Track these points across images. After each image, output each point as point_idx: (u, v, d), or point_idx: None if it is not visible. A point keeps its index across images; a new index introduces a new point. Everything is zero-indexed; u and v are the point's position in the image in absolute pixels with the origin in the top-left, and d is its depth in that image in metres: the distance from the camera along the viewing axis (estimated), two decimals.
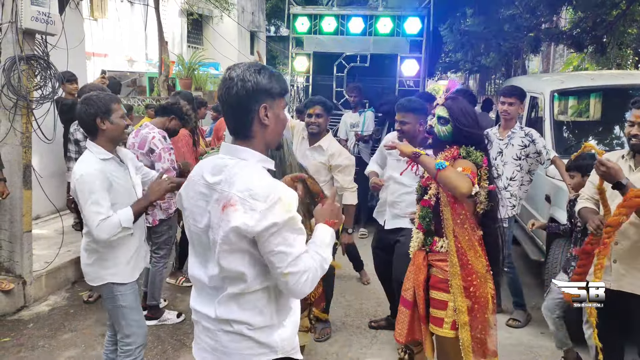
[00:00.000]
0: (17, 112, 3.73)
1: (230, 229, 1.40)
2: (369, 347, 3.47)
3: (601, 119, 4.75)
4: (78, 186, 2.31)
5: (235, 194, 1.41)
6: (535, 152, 3.68)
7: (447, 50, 22.81)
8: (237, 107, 1.47)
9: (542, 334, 3.66)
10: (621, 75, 5.24)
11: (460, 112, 2.30)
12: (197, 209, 1.52)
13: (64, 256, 4.41)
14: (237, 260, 1.44)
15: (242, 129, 1.50)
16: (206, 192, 1.50)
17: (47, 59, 3.85)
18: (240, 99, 1.46)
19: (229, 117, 1.52)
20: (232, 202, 1.41)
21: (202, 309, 1.56)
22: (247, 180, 1.42)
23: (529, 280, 4.58)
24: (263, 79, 1.47)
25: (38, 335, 3.52)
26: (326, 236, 1.57)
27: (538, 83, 4.89)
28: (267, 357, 1.52)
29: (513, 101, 3.73)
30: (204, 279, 1.54)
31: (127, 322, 2.49)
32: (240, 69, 1.48)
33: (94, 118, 2.38)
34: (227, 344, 1.51)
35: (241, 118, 1.48)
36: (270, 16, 26.07)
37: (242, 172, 1.45)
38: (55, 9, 3.78)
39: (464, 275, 2.26)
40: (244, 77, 1.45)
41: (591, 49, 13.12)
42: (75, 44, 4.58)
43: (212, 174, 1.50)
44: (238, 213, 1.39)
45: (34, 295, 4.00)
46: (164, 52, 9.98)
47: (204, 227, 1.50)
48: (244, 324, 1.49)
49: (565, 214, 3.51)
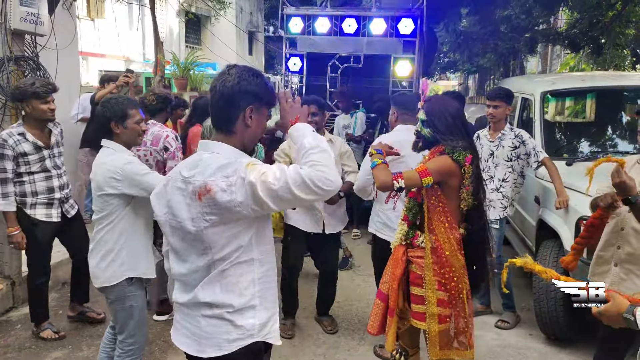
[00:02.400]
0: (6, 113, 3.73)
1: (219, 207, 1.48)
2: (356, 348, 3.47)
3: (592, 120, 4.76)
4: (128, 172, 2.37)
5: (208, 179, 1.49)
6: (526, 153, 3.68)
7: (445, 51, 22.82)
8: (228, 99, 1.57)
9: (531, 336, 3.67)
10: (613, 76, 5.24)
11: (435, 116, 2.31)
12: (175, 204, 1.58)
13: (54, 257, 4.38)
14: (226, 232, 1.52)
15: (226, 122, 1.59)
16: (183, 187, 1.57)
17: (37, 59, 3.86)
18: (232, 93, 1.56)
19: (216, 108, 1.59)
20: (208, 188, 1.49)
21: (183, 298, 1.63)
22: (215, 166, 1.51)
23: (519, 282, 4.57)
24: (258, 83, 1.59)
25: (25, 336, 3.52)
26: (304, 131, 1.61)
27: (529, 84, 4.89)
28: (244, 342, 1.59)
29: (498, 104, 3.75)
30: (186, 273, 1.61)
31: (135, 323, 2.51)
32: (241, 68, 1.60)
33: (109, 121, 2.46)
34: (206, 329, 1.59)
35: (228, 111, 1.57)
36: (269, 16, 26.09)
37: (215, 163, 1.53)
38: (44, 10, 3.79)
39: (437, 269, 2.27)
40: (242, 75, 1.57)
41: (588, 50, 13.13)
42: (68, 45, 4.58)
43: (188, 169, 1.58)
44: (218, 194, 1.47)
45: (23, 296, 3.99)
46: (159, 52, 9.97)
47: (184, 220, 1.56)
48: (225, 306, 1.56)
49: (555, 215, 3.52)
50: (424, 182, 2.16)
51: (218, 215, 1.50)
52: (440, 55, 24.50)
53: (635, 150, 4.33)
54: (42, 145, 3.24)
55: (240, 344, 1.58)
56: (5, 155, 3.11)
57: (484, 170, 3.81)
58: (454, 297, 2.28)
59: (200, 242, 1.55)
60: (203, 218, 1.51)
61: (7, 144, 3.11)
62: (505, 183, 3.76)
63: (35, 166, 3.22)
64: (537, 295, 3.47)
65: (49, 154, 3.27)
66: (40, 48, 3.90)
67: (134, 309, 2.50)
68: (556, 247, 3.48)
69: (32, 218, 3.24)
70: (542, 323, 3.50)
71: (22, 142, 3.15)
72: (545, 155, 3.67)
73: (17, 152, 3.14)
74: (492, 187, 3.77)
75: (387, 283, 2.49)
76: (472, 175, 2.24)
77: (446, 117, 2.30)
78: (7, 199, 3.15)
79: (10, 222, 3.19)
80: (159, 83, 9.60)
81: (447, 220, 2.25)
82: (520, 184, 3.84)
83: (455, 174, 2.22)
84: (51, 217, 3.30)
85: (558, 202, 3.38)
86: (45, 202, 3.28)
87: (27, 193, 3.22)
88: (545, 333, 3.56)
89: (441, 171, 2.19)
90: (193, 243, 1.57)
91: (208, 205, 1.49)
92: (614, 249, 2.33)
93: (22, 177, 3.21)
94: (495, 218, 3.76)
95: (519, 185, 3.84)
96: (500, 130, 3.78)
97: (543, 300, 3.42)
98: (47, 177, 3.28)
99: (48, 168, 3.27)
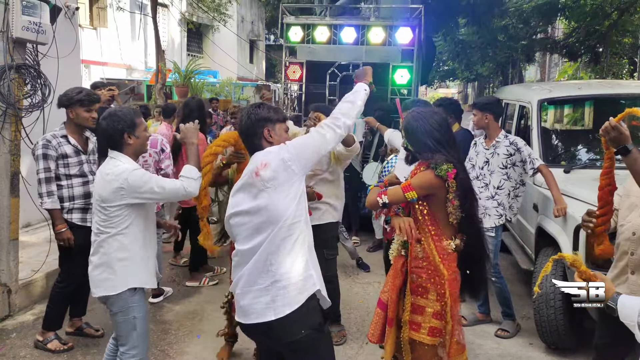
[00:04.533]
0: (7, 120, 3.75)
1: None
2: (354, 357, 3.46)
3: (590, 127, 4.78)
4: (133, 181, 2.38)
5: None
6: (521, 160, 3.69)
7: (444, 59, 22.95)
8: (247, 132, 2.19)
9: (531, 345, 3.65)
10: (609, 84, 5.27)
11: (412, 133, 2.37)
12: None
13: (52, 264, 4.39)
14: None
15: (254, 148, 2.18)
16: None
17: (38, 67, 3.88)
18: (249, 126, 2.18)
19: (245, 142, 2.24)
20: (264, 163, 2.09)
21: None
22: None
23: (519, 290, 4.57)
24: (262, 111, 2.17)
25: (20, 345, 3.50)
26: (357, 88, 2.38)
27: (526, 92, 4.92)
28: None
29: (475, 113, 3.85)
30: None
31: (138, 334, 2.50)
32: (247, 107, 2.27)
33: (122, 133, 2.46)
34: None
35: (252, 139, 2.18)
36: (270, 25, 26.28)
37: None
38: (46, 19, 3.82)
39: (436, 280, 2.29)
40: (250, 110, 2.21)
41: (585, 59, 13.22)
42: (69, 53, 4.61)
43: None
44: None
45: (19, 304, 3.99)
46: (160, 61, 10.04)
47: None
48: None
49: (553, 223, 3.52)
50: (408, 197, 2.22)
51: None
52: (440, 63, 24.66)
53: None
54: (82, 150, 3.38)
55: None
56: (49, 156, 3.25)
57: (478, 178, 3.83)
58: (444, 308, 2.30)
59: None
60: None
61: (51, 144, 3.26)
62: (500, 190, 3.76)
63: (75, 169, 3.33)
64: (537, 304, 3.46)
65: (86, 159, 3.40)
66: (41, 56, 3.92)
67: (137, 320, 2.49)
68: (555, 254, 3.47)
69: (68, 222, 3.31)
70: (542, 332, 3.48)
71: (64, 145, 3.31)
72: (541, 162, 3.66)
73: (59, 154, 3.28)
74: (487, 195, 3.77)
75: (387, 293, 2.49)
76: (457, 189, 2.23)
77: (423, 134, 2.31)
78: (52, 197, 3.26)
79: (58, 220, 3.28)
80: (160, 91, 9.67)
81: (433, 231, 2.30)
82: (522, 192, 3.83)
83: (439, 188, 2.23)
84: (86, 222, 3.34)
85: (556, 210, 3.38)
86: (81, 207, 3.35)
87: (64, 198, 3.31)
88: (545, 342, 3.54)
89: (424, 186, 2.22)
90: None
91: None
92: (629, 257, 2.29)
93: (60, 181, 3.31)
94: (490, 226, 3.75)
95: (521, 193, 3.83)
96: (494, 137, 3.79)
97: (543, 309, 3.41)
98: (84, 182, 3.37)
99: (85, 172, 3.38)
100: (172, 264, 5.14)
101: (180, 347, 3.54)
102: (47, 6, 3.82)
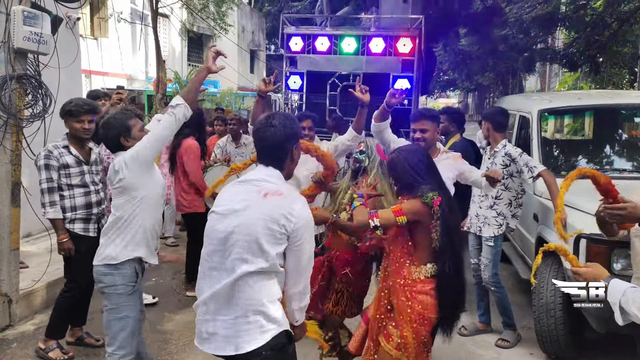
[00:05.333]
0: (7, 131, 3.76)
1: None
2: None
3: (590, 137, 4.79)
4: (134, 154, 2.50)
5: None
6: (518, 171, 3.68)
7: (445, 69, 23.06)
8: (278, 147, 1.92)
9: (532, 355, 3.63)
10: (609, 94, 5.29)
11: (394, 172, 2.52)
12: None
13: (53, 274, 4.39)
14: None
15: (278, 163, 1.94)
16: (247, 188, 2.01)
17: (39, 78, 3.90)
18: (281, 141, 1.91)
19: (268, 156, 1.95)
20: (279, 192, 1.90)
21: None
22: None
23: (519, 300, 4.55)
24: (296, 126, 1.96)
25: (20, 355, 3.49)
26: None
27: (527, 102, 4.93)
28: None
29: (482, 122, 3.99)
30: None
31: (127, 334, 2.53)
32: (282, 117, 1.94)
33: (118, 138, 2.61)
34: None
35: (280, 155, 1.94)
36: (271, 35, 26.43)
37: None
38: (47, 29, 3.84)
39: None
40: (285, 124, 1.91)
41: (585, 69, 13.28)
42: (70, 63, 4.64)
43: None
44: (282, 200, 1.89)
45: (20, 314, 3.97)
46: (161, 71, 10.10)
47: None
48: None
49: (553, 232, 3.51)
50: (399, 221, 2.30)
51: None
52: (440, 73, 24.77)
53: (632, 167, 4.35)
54: (83, 160, 3.41)
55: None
56: (51, 166, 3.29)
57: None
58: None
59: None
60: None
61: (53, 155, 3.30)
62: (499, 200, 3.75)
63: (76, 179, 3.36)
64: (537, 314, 3.45)
65: (88, 170, 3.43)
66: (42, 67, 3.95)
67: (129, 319, 2.53)
68: (555, 264, 3.47)
69: (71, 232, 3.34)
70: (543, 342, 3.47)
71: (65, 155, 3.34)
72: (542, 168, 3.57)
73: (61, 164, 3.31)
74: (487, 205, 3.77)
75: (371, 310, 2.60)
76: (440, 217, 2.30)
77: (405, 172, 2.42)
78: (54, 206, 3.29)
79: (60, 230, 3.30)
80: (161, 101, 9.71)
81: (405, 256, 2.41)
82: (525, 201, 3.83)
83: (426, 215, 2.31)
84: (88, 232, 3.38)
85: (556, 219, 3.38)
86: (83, 217, 3.38)
87: (66, 208, 3.33)
88: (545, 352, 3.52)
89: (413, 211, 2.31)
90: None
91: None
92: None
93: (62, 191, 3.33)
94: (489, 235, 3.75)
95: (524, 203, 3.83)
96: (494, 147, 3.81)
97: (543, 318, 3.40)
98: (86, 193, 3.40)
99: (87, 183, 3.40)
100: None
101: (181, 357, 3.52)
102: (49, 17, 3.85)
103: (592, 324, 3.16)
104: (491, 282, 3.76)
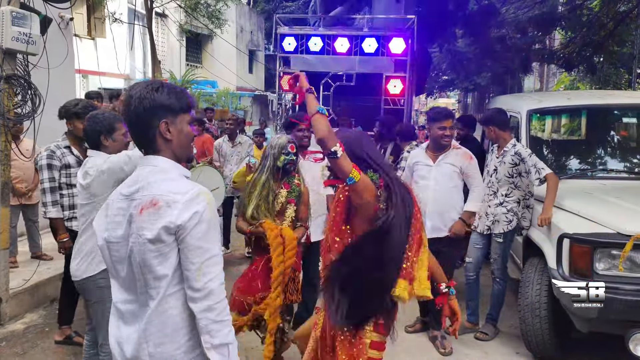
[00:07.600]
0: None
1: (159, 229, 1.42)
2: None
3: (580, 137, 4.79)
4: (109, 165, 2.51)
5: (155, 194, 1.45)
6: (526, 170, 3.67)
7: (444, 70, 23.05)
8: (137, 123, 1.51)
9: (518, 354, 3.64)
10: (600, 94, 5.30)
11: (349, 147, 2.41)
12: (115, 225, 1.52)
13: (43, 273, 4.41)
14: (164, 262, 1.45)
15: (147, 144, 1.54)
16: (124, 206, 1.51)
17: (28, 78, 3.91)
18: (139, 116, 1.49)
19: (133, 134, 1.57)
20: (154, 202, 1.44)
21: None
22: (164, 183, 1.47)
23: (508, 299, 4.54)
24: (161, 96, 1.49)
25: (9, 354, 3.50)
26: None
27: (516, 102, 4.94)
28: None
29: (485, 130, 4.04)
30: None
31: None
32: (141, 85, 1.52)
33: (99, 135, 2.66)
34: None
35: (143, 134, 1.52)
36: (269, 35, 26.41)
37: (157, 177, 1.49)
38: (36, 30, 3.85)
39: None
40: (142, 95, 1.48)
41: (582, 69, 13.28)
42: (60, 64, 4.65)
43: (128, 186, 1.53)
44: (162, 210, 1.42)
45: (10, 313, 3.98)
46: (157, 71, 10.13)
47: (122, 236, 1.50)
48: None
49: (539, 233, 3.52)
50: (352, 174, 1.98)
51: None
52: (439, 73, 24.77)
53: (624, 168, 4.35)
54: (83, 160, 3.37)
55: None
56: (53, 166, 3.34)
57: (488, 185, 3.84)
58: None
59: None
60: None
61: (55, 155, 3.35)
62: (509, 198, 3.76)
63: (76, 179, 3.33)
64: (523, 314, 3.46)
65: None
66: (31, 67, 3.96)
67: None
68: (541, 264, 3.48)
69: (69, 229, 3.38)
70: (528, 341, 3.48)
71: (67, 155, 3.39)
72: (548, 172, 3.54)
73: (63, 164, 3.37)
74: (496, 202, 3.79)
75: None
76: (387, 200, 2.09)
77: (359, 150, 2.16)
78: (56, 206, 3.34)
79: (60, 229, 3.35)
80: None
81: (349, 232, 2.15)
82: (533, 203, 3.81)
83: (372, 193, 2.08)
84: None
85: (540, 220, 3.40)
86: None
87: (65, 206, 3.38)
88: (531, 351, 3.53)
89: (366, 181, 2.04)
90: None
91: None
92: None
93: (61, 190, 3.37)
94: (499, 232, 3.78)
95: (532, 204, 3.81)
96: (503, 146, 3.81)
97: (528, 318, 3.41)
98: None
99: None
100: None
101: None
102: (37, 17, 3.86)
103: (575, 323, 3.18)
104: (498, 274, 3.86)
